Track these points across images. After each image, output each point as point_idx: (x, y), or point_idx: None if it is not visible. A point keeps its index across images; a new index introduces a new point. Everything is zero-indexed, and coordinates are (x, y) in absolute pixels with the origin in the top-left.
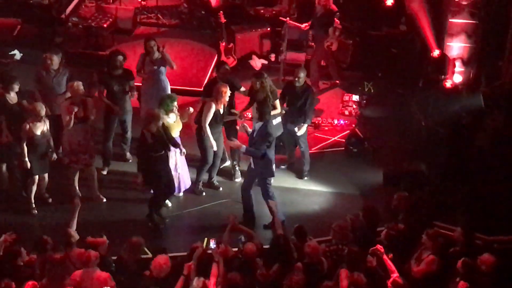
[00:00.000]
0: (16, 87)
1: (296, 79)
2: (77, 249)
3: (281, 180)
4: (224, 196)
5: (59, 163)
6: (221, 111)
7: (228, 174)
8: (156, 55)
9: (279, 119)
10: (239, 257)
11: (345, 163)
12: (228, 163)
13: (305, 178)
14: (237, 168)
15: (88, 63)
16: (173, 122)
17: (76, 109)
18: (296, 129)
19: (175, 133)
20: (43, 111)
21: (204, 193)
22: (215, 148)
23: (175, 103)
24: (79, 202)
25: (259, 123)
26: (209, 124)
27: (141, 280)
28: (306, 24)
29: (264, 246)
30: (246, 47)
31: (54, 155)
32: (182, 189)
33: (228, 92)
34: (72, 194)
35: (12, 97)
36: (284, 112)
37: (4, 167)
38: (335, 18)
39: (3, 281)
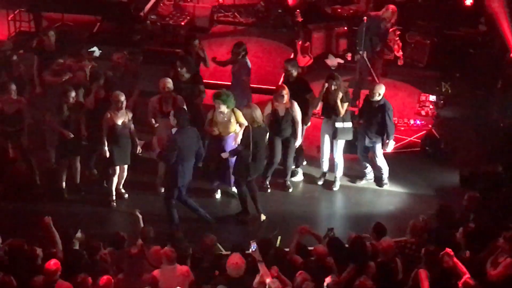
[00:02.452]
0: (101, 82)
1: (377, 95)
2: (155, 246)
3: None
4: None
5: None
6: (281, 113)
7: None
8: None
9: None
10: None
11: (421, 163)
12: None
13: (385, 186)
14: (299, 172)
15: (165, 61)
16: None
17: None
18: (386, 148)
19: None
20: (123, 98)
21: (269, 190)
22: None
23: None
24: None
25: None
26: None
27: (214, 278)
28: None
29: None
30: (323, 46)
31: (139, 149)
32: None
33: (287, 95)
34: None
35: (100, 92)
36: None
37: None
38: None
39: (80, 275)
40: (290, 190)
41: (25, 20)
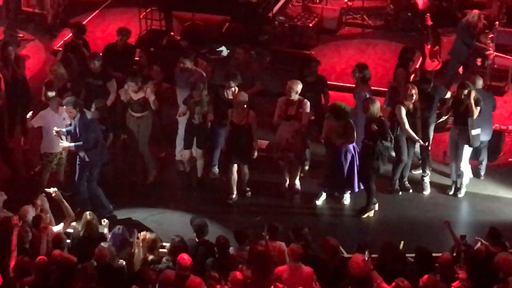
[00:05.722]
0: (233, 84)
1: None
2: (279, 242)
3: (481, 188)
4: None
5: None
6: (411, 111)
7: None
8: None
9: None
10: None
11: None
12: (419, 171)
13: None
14: (425, 179)
15: (291, 62)
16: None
17: None
18: None
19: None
20: (243, 98)
21: (400, 193)
22: (420, 142)
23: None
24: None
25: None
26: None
27: (339, 279)
28: None
29: None
30: None
31: (255, 153)
32: None
33: (416, 94)
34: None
35: (229, 93)
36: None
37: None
38: None
39: (210, 271)
40: (410, 191)
41: (156, 18)
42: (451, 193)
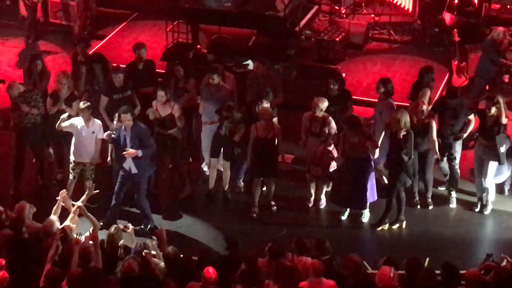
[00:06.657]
0: (266, 102)
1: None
2: (305, 257)
3: (508, 205)
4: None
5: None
6: (417, 127)
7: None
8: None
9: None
10: None
11: None
12: (444, 187)
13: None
14: (452, 193)
15: (318, 76)
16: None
17: None
18: None
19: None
20: (270, 114)
21: (431, 206)
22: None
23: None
24: None
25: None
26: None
27: None
28: None
29: None
30: None
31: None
32: None
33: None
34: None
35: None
36: None
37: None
38: None
39: (235, 285)
40: (431, 207)
41: (183, 31)
42: (477, 210)
